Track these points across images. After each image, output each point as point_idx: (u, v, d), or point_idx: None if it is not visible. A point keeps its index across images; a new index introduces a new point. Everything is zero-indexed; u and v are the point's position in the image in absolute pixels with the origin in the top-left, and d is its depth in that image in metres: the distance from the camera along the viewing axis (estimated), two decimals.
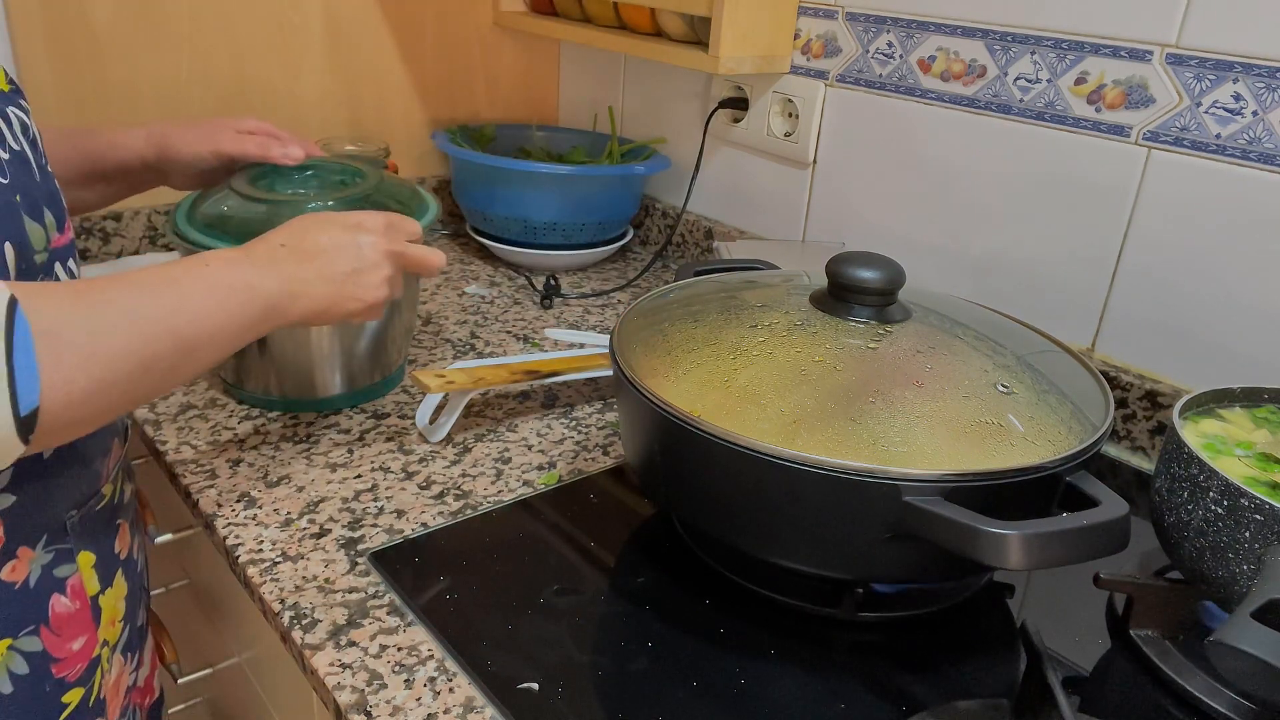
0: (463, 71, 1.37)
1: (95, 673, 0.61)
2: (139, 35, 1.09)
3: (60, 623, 0.57)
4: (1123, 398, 0.87)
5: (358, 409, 0.87)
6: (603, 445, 0.84)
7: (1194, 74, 0.79)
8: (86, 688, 0.60)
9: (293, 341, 0.83)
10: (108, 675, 0.62)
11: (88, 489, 0.60)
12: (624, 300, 1.18)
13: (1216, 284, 0.81)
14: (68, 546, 0.58)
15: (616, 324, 0.71)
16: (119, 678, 0.64)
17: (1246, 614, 0.47)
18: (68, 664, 0.58)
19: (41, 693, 0.57)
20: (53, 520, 0.57)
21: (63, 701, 0.58)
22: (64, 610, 0.58)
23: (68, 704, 0.58)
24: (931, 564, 0.59)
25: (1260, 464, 0.59)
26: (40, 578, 0.56)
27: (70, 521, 0.58)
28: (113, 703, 0.63)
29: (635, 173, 1.23)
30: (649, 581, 0.67)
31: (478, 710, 0.55)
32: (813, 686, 0.58)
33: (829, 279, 0.68)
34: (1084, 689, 0.59)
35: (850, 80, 1.06)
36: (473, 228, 1.28)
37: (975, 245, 0.98)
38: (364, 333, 0.85)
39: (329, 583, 0.65)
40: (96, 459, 0.61)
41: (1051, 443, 0.58)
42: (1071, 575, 0.65)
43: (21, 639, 0.56)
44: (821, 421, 0.58)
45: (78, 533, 0.59)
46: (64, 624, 0.58)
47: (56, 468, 0.57)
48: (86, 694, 0.60)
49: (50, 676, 0.57)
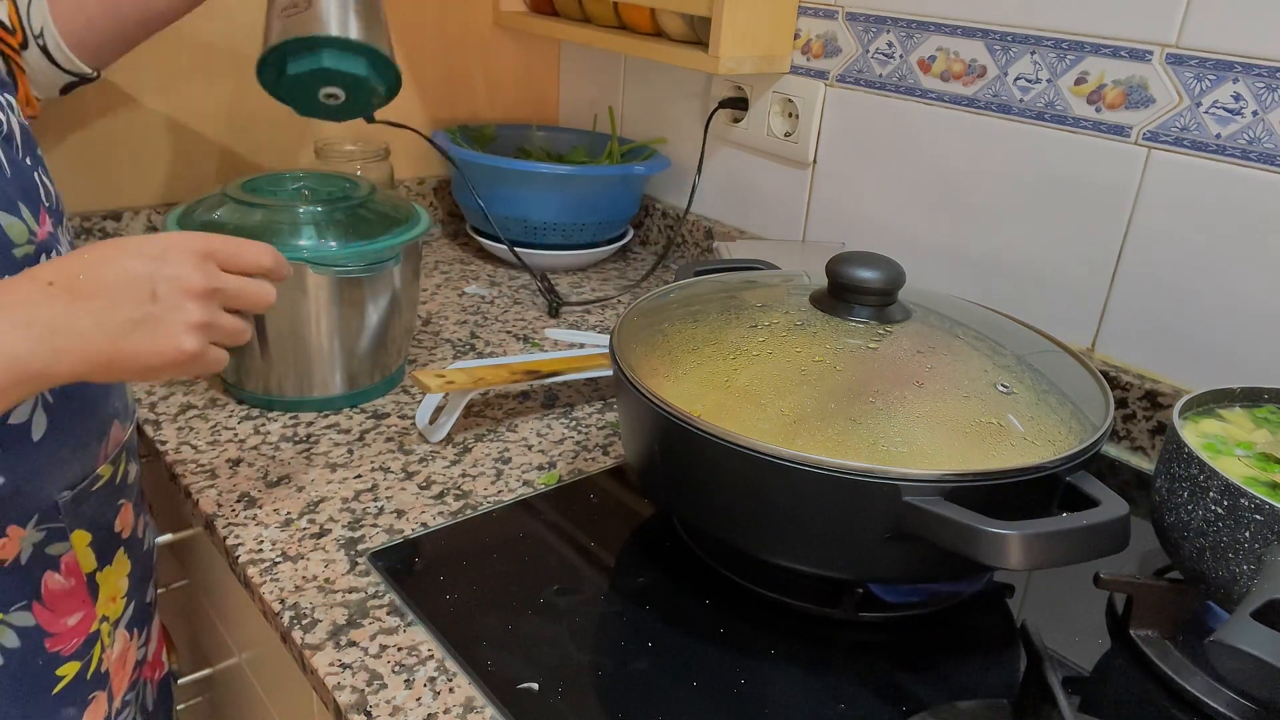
0: (463, 71, 1.37)
1: (94, 647, 0.62)
2: None
3: (54, 598, 0.58)
4: (1123, 398, 0.87)
5: (358, 409, 0.87)
6: (603, 445, 0.84)
7: (1194, 74, 0.79)
8: (84, 661, 0.61)
9: (293, 341, 0.83)
10: (109, 650, 0.63)
11: (81, 470, 0.60)
12: (624, 300, 1.18)
13: (1216, 284, 0.81)
14: (60, 525, 0.59)
15: (616, 324, 0.71)
16: (124, 652, 0.65)
17: (1246, 614, 0.47)
18: (62, 638, 0.59)
19: (34, 665, 0.58)
20: (44, 500, 0.57)
21: (57, 674, 0.59)
22: (57, 586, 0.59)
23: (63, 676, 0.60)
24: (931, 564, 0.59)
25: (1260, 464, 0.59)
26: (31, 555, 0.57)
27: (62, 501, 0.59)
28: (118, 676, 0.65)
29: (635, 173, 1.23)
30: (649, 581, 0.67)
31: (478, 710, 0.55)
32: (813, 686, 0.58)
33: (829, 279, 0.68)
34: (1084, 689, 0.59)
35: (850, 80, 1.06)
36: (473, 228, 1.28)
37: (975, 245, 0.98)
38: (364, 333, 0.85)
39: (329, 583, 0.65)
40: (92, 441, 0.61)
41: (1051, 443, 0.58)
42: (1071, 575, 0.65)
43: (13, 614, 0.57)
44: (821, 422, 0.58)
45: (71, 512, 0.59)
46: (58, 600, 0.59)
47: (47, 449, 0.57)
48: (84, 667, 0.61)
49: (44, 650, 0.58)
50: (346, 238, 0.82)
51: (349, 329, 0.84)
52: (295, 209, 0.82)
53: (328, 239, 0.81)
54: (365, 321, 0.85)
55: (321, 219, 0.82)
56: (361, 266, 0.81)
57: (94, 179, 1.12)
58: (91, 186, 1.12)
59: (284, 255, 0.79)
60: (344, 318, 0.84)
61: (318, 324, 0.83)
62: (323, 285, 0.81)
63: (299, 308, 0.82)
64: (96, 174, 1.12)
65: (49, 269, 0.50)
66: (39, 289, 0.49)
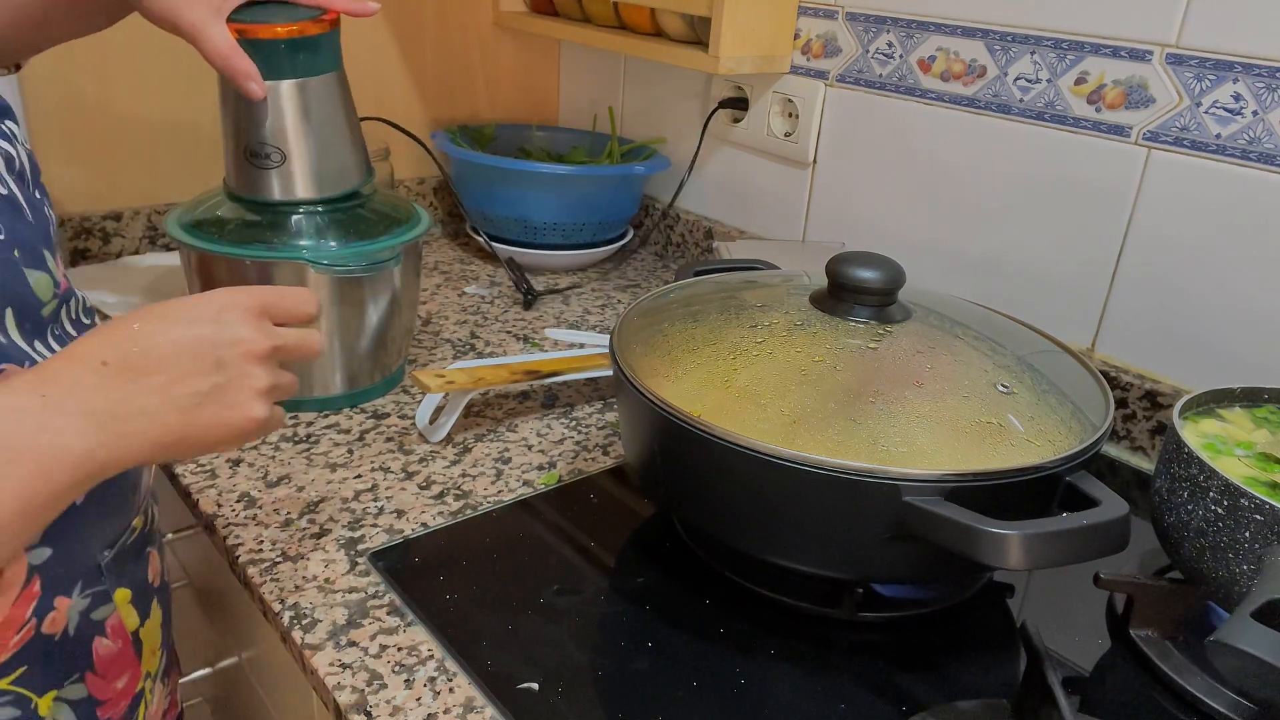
0: (463, 71, 1.37)
1: (140, 706, 0.58)
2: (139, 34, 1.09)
3: (104, 665, 0.55)
4: (1123, 398, 0.87)
5: (358, 409, 0.87)
6: (603, 445, 0.84)
7: (1194, 74, 0.79)
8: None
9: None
10: (150, 707, 0.60)
11: (120, 526, 0.57)
12: (624, 300, 1.18)
13: (1216, 284, 0.81)
14: (104, 588, 0.55)
15: (616, 324, 0.71)
16: (158, 706, 0.62)
17: (1246, 614, 0.47)
18: (111, 704, 0.56)
19: None
20: (88, 564, 0.53)
21: None
22: (107, 652, 0.55)
23: None
24: (931, 564, 0.59)
25: (1260, 464, 0.59)
26: (79, 624, 0.53)
27: (104, 562, 0.55)
28: None
29: (635, 173, 1.23)
30: (649, 581, 0.67)
31: (478, 710, 0.55)
32: (813, 686, 0.58)
33: (829, 279, 0.68)
34: (1084, 689, 0.59)
35: (850, 80, 1.06)
36: (472, 228, 1.28)
37: (975, 245, 0.98)
38: (364, 333, 0.85)
39: (329, 583, 0.65)
40: (128, 493, 0.57)
41: (1051, 443, 0.58)
42: (1071, 575, 0.65)
43: (67, 688, 0.53)
44: (821, 421, 0.58)
45: (112, 571, 0.55)
46: (108, 665, 0.55)
47: (89, 510, 0.53)
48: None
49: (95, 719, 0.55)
50: (346, 238, 0.82)
51: (349, 329, 0.84)
52: (295, 209, 0.82)
53: (328, 239, 0.81)
54: (365, 321, 0.85)
55: (321, 219, 0.82)
56: (362, 266, 0.81)
57: (94, 179, 1.12)
58: (91, 187, 1.12)
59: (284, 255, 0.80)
60: (344, 317, 0.84)
61: (318, 324, 0.83)
62: (323, 285, 0.81)
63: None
64: (96, 174, 1.12)
65: (94, 346, 0.45)
66: (91, 372, 0.44)
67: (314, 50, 0.77)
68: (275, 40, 0.74)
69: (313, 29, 0.76)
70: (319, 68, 0.78)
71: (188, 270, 0.84)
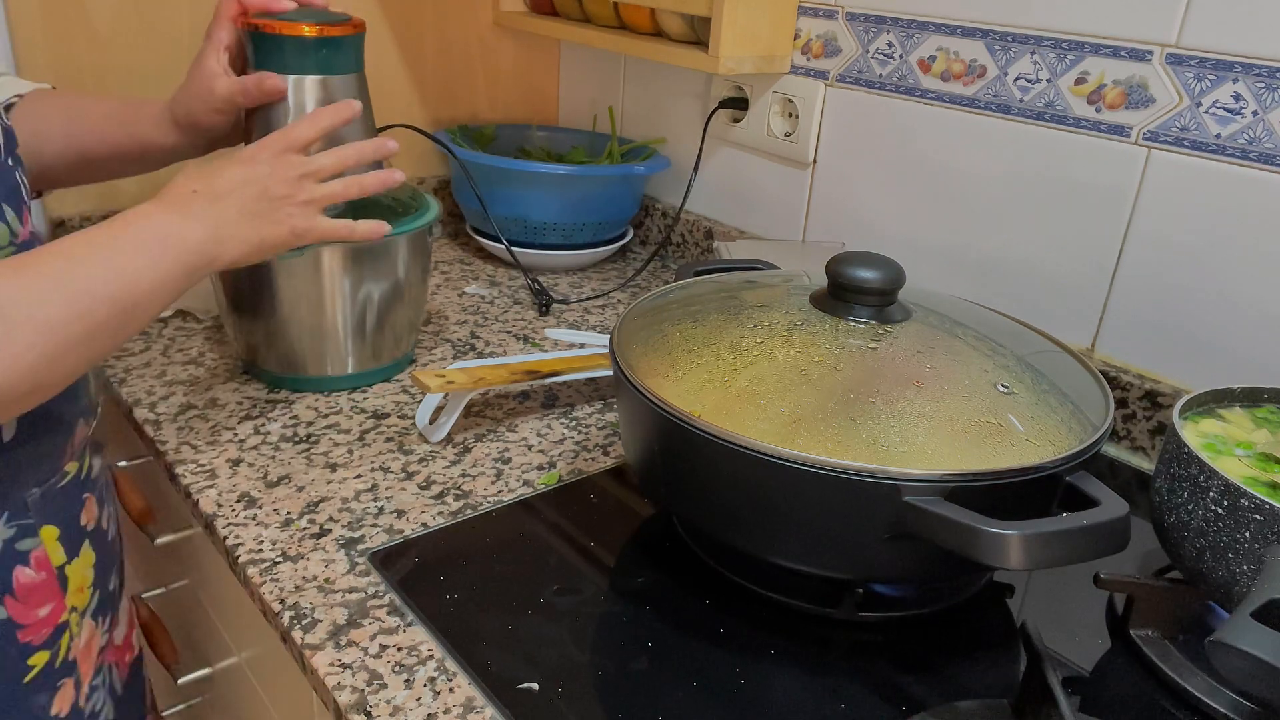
0: (463, 71, 1.37)
1: (63, 636, 0.63)
2: (139, 35, 1.09)
3: (25, 591, 0.60)
4: (1123, 398, 0.87)
5: (358, 409, 0.87)
6: (603, 445, 0.84)
7: (1194, 74, 0.79)
8: (53, 650, 0.62)
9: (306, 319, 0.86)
10: (77, 639, 0.65)
11: (50, 468, 0.62)
12: (624, 300, 1.18)
13: (1216, 284, 0.81)
14: (30, 522, 0.60)
15: (616, 324, 0.71)
16: (90, 640, 0.67)
17: (1246, 614, 0.47)
18: (33, 629, 0.61)
19: (7, 656, 0.60)
20: (14, 498, 0.59)
21: (28, 664, 0.61)
22: (28, 580, 0.60)
23: (33, 666, 0.61)
24: (931, 564, 0.59)
25: (1260, 464, 0.59)
26: (2, 551, 0.59)
27: (31, 499, 0.60)
28: (84, 664, 0.66)
29: (635, 173, 1.23)
30: (649, 581, 0.67)
31: (478, 710, 0.55)
32: (813, 686, 0.58)
33: (829, 279, 0.68)
34: (1084, 689, 0.59)
35: (850, 80, 1.06)
36: (473, 228, 1.28)
37: (975, 245, 0.98)
38: (371, 310, 0.88)
39: (329, 583, 0.65)
40: (59, 439, 0.63)
41: (1051, 443, 0.58)
42: (1071, 575, 0.65)
43: None
44: (821, 422, 0.58)
45: (39, 508, 0.61)
46: (29, 593, 0.60)
47: (17, 449, 0.59)
48: (53, 656, 0.63)
49: (15, 641, 0.60)
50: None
51: (357, 301, 0.87)
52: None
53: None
54: (377, 302, 0.88)
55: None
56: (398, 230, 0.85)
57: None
58: (92, 187, 1.12)
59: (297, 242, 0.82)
60: (355, 298, 0.87)
61: (331, 303, 0.86)
62: (336, 265, 0.84)
63: (311, 287, 0.85)
64: None
65: (186, 181, 0.62)
66: (187, 195, 0.61)
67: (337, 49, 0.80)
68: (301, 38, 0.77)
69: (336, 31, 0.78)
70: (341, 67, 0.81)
71: None
